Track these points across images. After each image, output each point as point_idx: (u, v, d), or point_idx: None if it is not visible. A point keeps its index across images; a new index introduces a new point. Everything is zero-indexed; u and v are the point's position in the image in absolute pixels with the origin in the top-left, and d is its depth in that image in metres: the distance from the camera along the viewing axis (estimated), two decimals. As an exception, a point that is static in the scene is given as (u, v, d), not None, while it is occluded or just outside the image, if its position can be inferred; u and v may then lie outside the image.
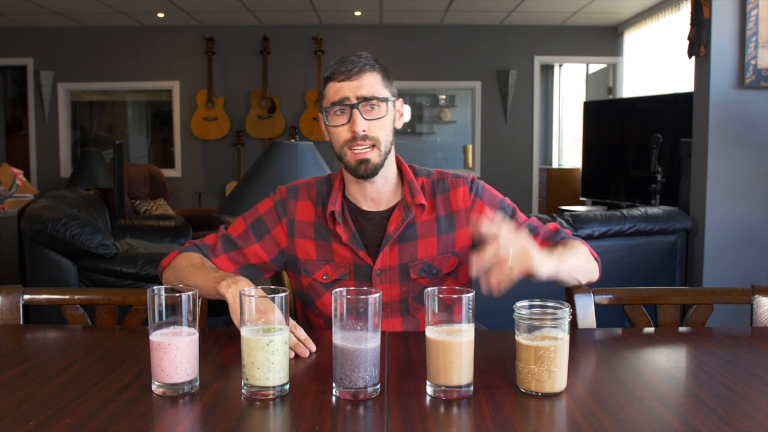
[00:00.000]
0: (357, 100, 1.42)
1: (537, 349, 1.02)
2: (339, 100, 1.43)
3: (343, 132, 1.44)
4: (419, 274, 1.50)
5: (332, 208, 1.49)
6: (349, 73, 1.43)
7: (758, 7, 3.20)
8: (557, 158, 8.41)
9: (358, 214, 1.52)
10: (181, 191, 7.69)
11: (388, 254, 1.49)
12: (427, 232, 1.51)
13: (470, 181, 1.55)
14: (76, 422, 0.91)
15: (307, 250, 1.52)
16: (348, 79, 1.43)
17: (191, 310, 1.05)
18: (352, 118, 1.42)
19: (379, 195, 1.51)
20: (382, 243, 1.49)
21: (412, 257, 1.49)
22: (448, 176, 1.56)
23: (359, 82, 1.43)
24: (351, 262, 1.50)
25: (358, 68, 1.43)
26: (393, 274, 1.49)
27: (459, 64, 7.57)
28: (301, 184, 1.57)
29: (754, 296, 1.47)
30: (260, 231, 1.53)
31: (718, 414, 0.95)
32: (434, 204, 1.52)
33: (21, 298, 1.46)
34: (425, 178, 1.55)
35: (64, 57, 7.51)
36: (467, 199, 1.53)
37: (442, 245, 1.51)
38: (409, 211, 1.49)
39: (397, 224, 1.49)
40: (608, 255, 3.18)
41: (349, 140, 1.43)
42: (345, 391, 1.02)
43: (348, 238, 1.48)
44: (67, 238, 2.87)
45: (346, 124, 1.43)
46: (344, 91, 1.42)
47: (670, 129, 5.04)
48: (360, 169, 1.44)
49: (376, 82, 1.45)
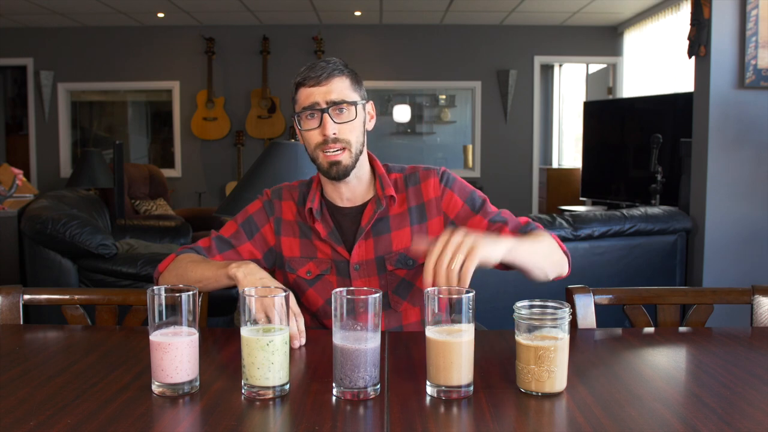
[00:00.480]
0: (327, 105, 1.46)
1: (537, 349, 1.02)
2: (309, 105, 1.47)
3: (315, 135, 1.48)
4: (395, 266, 1.53)
5: (310, 205, 1.54)
6: (318, 79, 1.47)
7: (758, 7, 3.21)
8: (557, 158, 8.41)
9: (335, 211, 1.57)
10: (181, 191, 7.69)
11: (363, 248, 1.53)
12: (400, 223, 1.55)
13: (441, 173, 1.58)
14: (76, 422, 0.91)
15: (292, 247, 1.57)
16: (317, 84, 1.47)
17: (191, 310, 1.05)
18: (322, 122, 1.46)
19: (353, 194, 1.56)
20: (357, 236, 1.54)
21: (387, 249, 1.53)
22: (419, 169, 1.60)
23: (328, 87, 1.47)
24: (331, 258, 1.54)
25: (327, 73, 1.47)
26: (371, 268, 1.53)
27: (459, 64, 7.58)
28: (285, 186, 1.64)
29: (754, 296, 1.47)
30: (251, 230, 1.59)
31: (718, 414, 0.95)
32: (406, 196, 1.57)
33: (21, 298, 1.46)
34: (398, 173, 1.60)
35: (64, 57, 7.51)
36: (437, 189, 1.56)
37: (416, 236, 1.54)
38: (380, 204, 1.54)
39: (369, 217, 1.54)
40: (608, 255, 3.18)
41: (320, 143, 1.48)
42: (345, 391, 1.02)
43: (327, 234, 1.54)
44: (67, 238, 2.87)
45: (317, 128, 1.48)
46: (314, 96, 1.47)
47: (670, 129, 5.05)
48: (332, 171, 1.49)
49: (345, 86, 1.49)
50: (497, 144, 7.66)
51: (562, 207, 6.78)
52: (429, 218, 1.56)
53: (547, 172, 7.59)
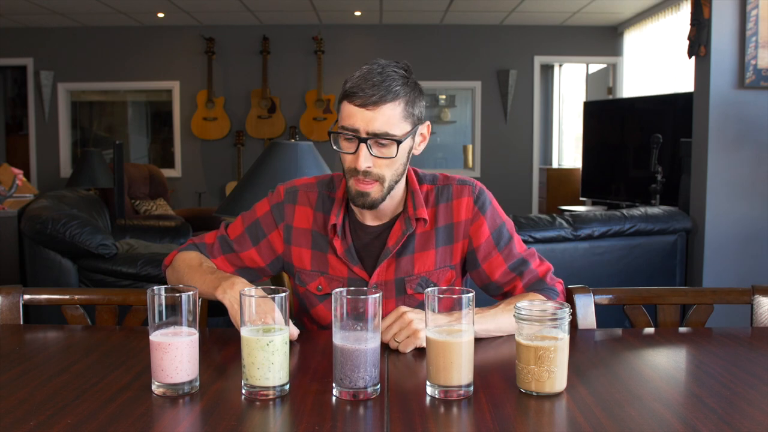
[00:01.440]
0: (367, 135, 1.31)
1: (537, 349, 1.02)
2: (349, 127, 1.32)
3: (348, 160, 1.35)
4: (416, 290, 1.44)
5: (335, 221, 1.43)
6: (367, 99, 1.29)
7: (758, 7, 3.21)
8: (557, 158, 8.41)
9: (358, 227, 1.47)
10: (181, 191, 7.69)
11: (385, 269, 1.44)
12: (425, 245, 1.45)
13: (477, 193, 1.46)
14: (76, 422, 0.91)
15: (302, 258, 1.48)
16: (364, 107, 1.30)
17: (191, 310, 1.05)
18: (357, 151, 1.32)
19: (381, 213, 1.45)
20: (381, 257, 1.44)
21: (408, 272, 1.44)
22: (453, 182, 1.47)
23: (375, 113, 1.30)
24: (346, 276, 1.45)
25: (379, 96, 1.29)
26: (389, 289, 1.44)
27: (459, 64, 7.57)
28: (301, 186, 1.51)
29: (754, 296, 1.47)
30: (256, 235, 1.50)
31: (718, 414, 0.95)
32: (435, 213, 1.45)
33: (21, 298, 1.46)
34: (429, 185, 1.48)
35: (64, 57, 7.51)
36: (470, 211, 1.45)
37: (440, 259, 1.45)
38: (409, 225, 1.43)
39: (397, 238, 1.43)
40: (608, 255, 3.18)
41: (352, 170, 1.35)
42: (345, 391, 1.02)
43: (343, 252, 1.44)
44: (67, 238, 2.87)
45: (352, 154, 1.34)
46: (356, 120, 1.31)
47: (670, 129, 5.04)
48: (358, 200, 1.37)
49: (395, 114, 1.31)
50: (497, 144, 7.66)
51: (562, 207, 6.78)
52: (455, 240, 1.45)
53: (547, 172, 7.59)
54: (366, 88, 1.29)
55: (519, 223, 3.03)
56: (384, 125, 1.30)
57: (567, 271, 3.10)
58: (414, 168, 1.50)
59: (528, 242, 3.01)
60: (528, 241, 3.00)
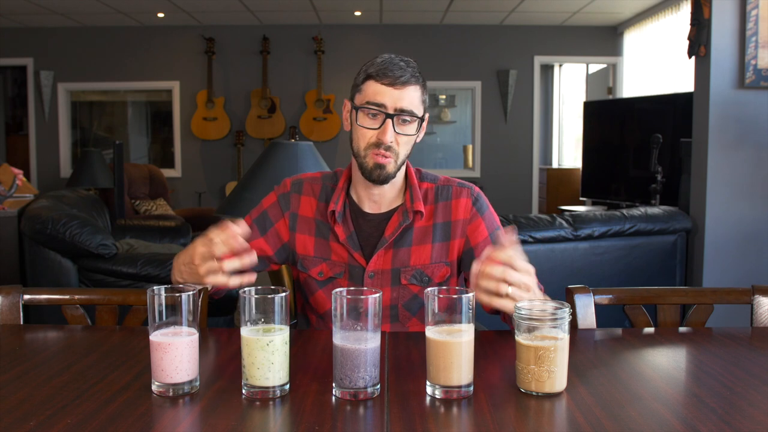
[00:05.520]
0: (394, 112, 1.41)
1: (537, 349, 1.02)
2: (376, 103, 1.41)
3: (369, 135, 1.43)
4: (410, 281, 1.50)
5: (333, 207, 1.50)
6: (395, 80, 1.40)
7: (758, 7, 3.21)
8: (557, 158, 8.41)
9: (359, 214, 1.53)
10: (181, 191, 7.69)
11: (382, 257, 1.50)
12: (422, 239, 1.51)
13: (475, 194, 1.54)
14: (76, 422, 0.91)
15: (306, 245, 1.54)
16: (392, 86, 1.41)
17: (191, 310, 1.05)
18: (383, 126, 1.41)
19: (382, 198, 1.52)
20: (378, 245, 1.50)
21: (405, 263, 1.50)
22: (453, 184, 1.55)
23: (402, 93, 1.41)
24: (346, 262, 1.51)
25: (406, 78, 1.41)
26: (385, 278, 1.50)
27: (459, 64, 7.58)
28: (306, 179, 1.59)
29: (754, 296, 1.47)
30: (264, 225, 1.56)
31: (718, 414, 0.95)
32: (434, 211, 1.52)
33: (21, 298, 1.46)
34: (430, 183, 1.55)
35: (64, 57, 7.51)
36: (467, 211, 1.52)
37: (436, 254, 1.51)
38: (407, 216, 1.50)
39: (394, 228, 1.50)
40: (608, 255, 3.18)
41: (372, 145, 1.43)
42: (345, 391, 1.02)
43: (345, 238, 1.50)
44: (67, 238, 2.87)
45: (376, 129, 1.42)
46: (384, 97, 1.41)
47: (670, 129, 5.05)
48: (374, 173, 1.44)
49: (416, 96, 1.44)
50: (497, 144, 7.66)
51: (562, 207, 6.78)
52: (452, 238, 1.52)
53: (547, 172, 7.60)
54: (394, 69, 1.41)
55: (519, 223, 3.03)
56: (410, 104, 1.42)
57: (567, 271, 3.10)
58: (418, 167, 1.59)
59: (528, 242, 3.01)
60: (528, 241, 3.00)
